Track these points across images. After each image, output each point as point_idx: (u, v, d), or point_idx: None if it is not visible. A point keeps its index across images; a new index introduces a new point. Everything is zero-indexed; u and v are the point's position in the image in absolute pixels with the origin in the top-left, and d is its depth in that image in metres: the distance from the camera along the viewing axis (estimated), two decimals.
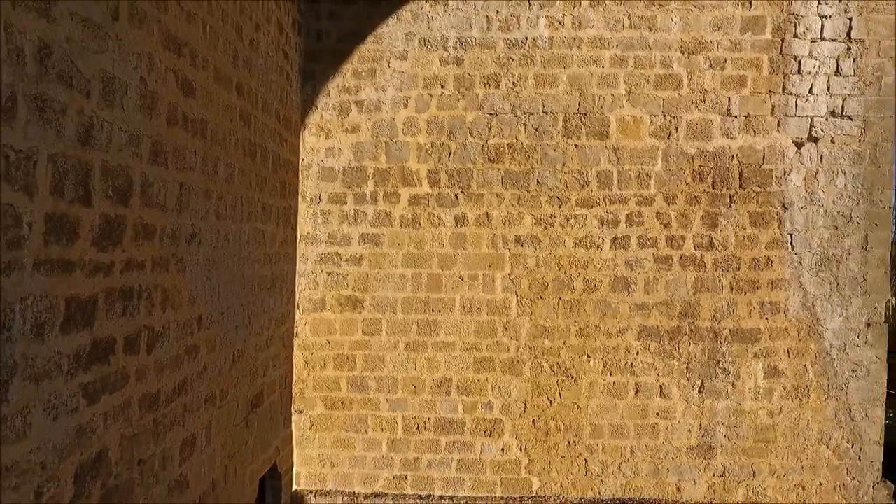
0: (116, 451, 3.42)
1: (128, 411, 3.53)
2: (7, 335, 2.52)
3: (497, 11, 7.11)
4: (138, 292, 3.59)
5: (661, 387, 7.13)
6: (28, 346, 2.66)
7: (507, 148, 7.15)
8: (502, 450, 7.22)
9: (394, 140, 7.21)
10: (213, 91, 4.64)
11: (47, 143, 2.75)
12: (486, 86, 7.14)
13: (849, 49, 6.92)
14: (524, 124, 7.12)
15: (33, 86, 2.64)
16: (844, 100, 6.96)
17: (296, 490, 7.25)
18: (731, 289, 7.07)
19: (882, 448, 7.00)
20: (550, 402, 7.19)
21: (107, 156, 3.23)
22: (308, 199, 7.26)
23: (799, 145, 7.02)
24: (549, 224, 7.15)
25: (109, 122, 3.24)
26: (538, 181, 7.14)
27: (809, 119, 7.01)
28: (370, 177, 7.25)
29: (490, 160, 7.16)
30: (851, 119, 6.96)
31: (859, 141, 6.95)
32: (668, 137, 7.06)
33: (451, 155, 7.17)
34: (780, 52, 7.01)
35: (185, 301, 4.23)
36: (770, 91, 7.00)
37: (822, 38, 6.97)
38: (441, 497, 7.20)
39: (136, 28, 3.49)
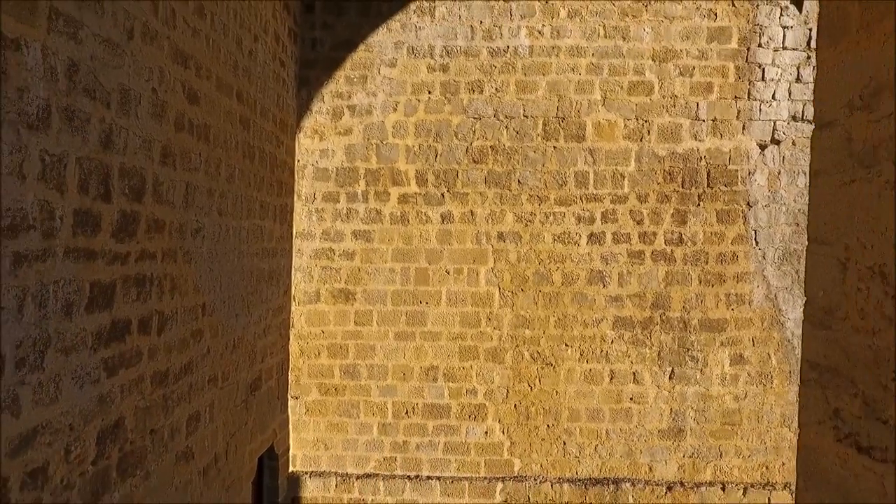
0: (131, 420, 3.84)
1: (141, 385, 3.95)
2: (39, 315, 2.93)
3: (481, 22, 7.53)
4: (150, 280, 4.01)
5: (634, 373, 7.56)
6: (59, 322, 3.07)
7: (490, 150, 7.57)
8: (486, 433, 7.64)
9: (384, 142, 7.63)
10: (215, 98, 5.05)
11: (75, 148, 3.16)
12: (471, 91, 7.56)
13: (809, 57, 7.35)
14: (506, 127, 7.54)
15: (64, 98, 3.05)
16: (805, 105, 7.39)
17: (292, 471, 7.66)
18: (700, 281, 7.50)
19: None
20: (531, 387, 7.61)
21: (124, 158, 3.64)
22: (303, 197, 7.67)
23: (762, 147, 7.45)
24: (530, 221, 7.57)
25: (126, 128, 3.65)
26: (519, 181, 7.57)
27: (772, 123, 7.44)
28: (361, 177, 7.66)
29: (474, 161, 7.58)
30: (811, 123, 7.38)
31: None
32: (641, 140, 7.49)
33: (438, 156, 7.58)
34: (746, 61, 7.44)
35: (190, 289, 4.64)
36: (736, 97, 7.44)
37: (784, 48, 7.40)
38: (428, 477, 7.62)
39: (148, 45, 3.90)
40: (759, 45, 7.42)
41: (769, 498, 7.41)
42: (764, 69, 7.42)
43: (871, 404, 2.10)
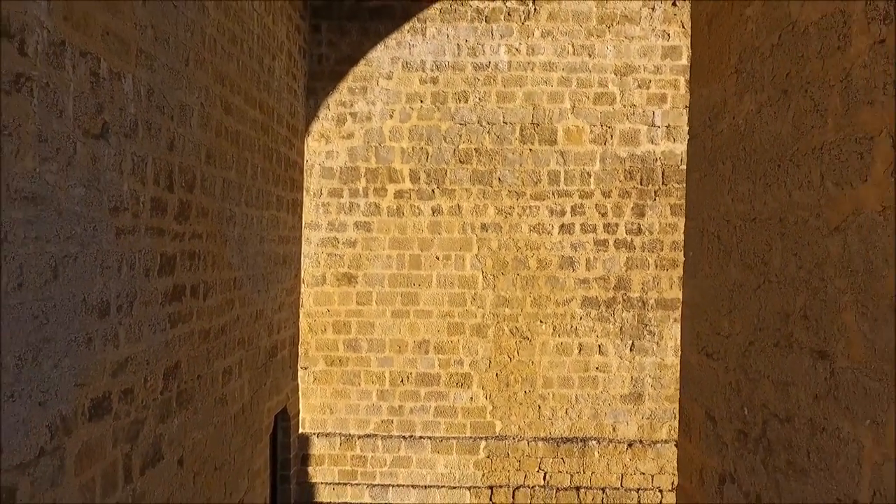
0: (185, 365, 4.79)
1: (192, 339, 4.90)
2: (130, 274, 3.89)
3: (466, 40, 8.50)
4: (198, 255, 4.96)
5: (599, 346, 8.55)
6: (142, 281, 4.03)
7: (474, 152, 8.54)
8: (471, 398, 8.61)
9: (381, 145, 8.58)
10: (243, 109, 6.00)
11: (152, 151, 4.12)
12: (457, 101, 8.52)
13: None
14: (488, 132, 8.51)
15: (145, 114, 4.01)
16: None
17: (302, 432, 8.61)
18: (656, 266, 8.48)
19: None
20: (510, 358, 8.59)
21: (181, 159, 4.60)
22: (311, 193, 8.62)
23: None
24: (509, 214, 8.54)
25: (183, 135, 4.61)
26: (500, 179, 8.54)
27: None
28: (362, 175, 8.62)
29: (460, 162, 8.55)
30: None
31: None
32: (605, 143, 8.47)
33: (429, 157, 8.55)
34: None
35: (226, 265, 5.60)
36: (686, 106, 8.42)
37: None
38: (421, 437, 8.59)
39: (197, 69, 4.86)
40: None
41: None
42: None
43: (714, 325, 3.08)
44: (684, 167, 8.51)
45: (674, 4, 8.32)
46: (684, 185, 8.54)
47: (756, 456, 2.55)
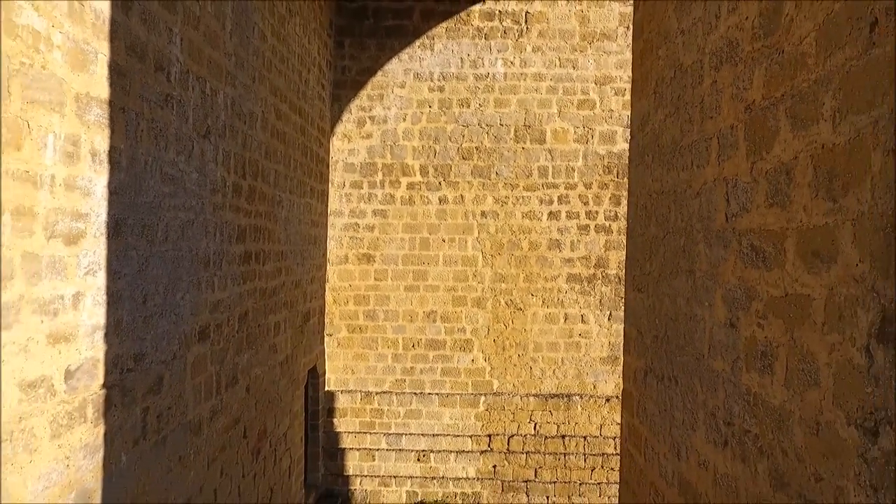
0: (251, 314, 6.03)
1: (255, 294, 6.14)
2: (220, 239, 5.12)
3: (468, 54, 9.72)
4: (259, 229, 6.20)
5: (581, 316, 9.78)
6: (226, 245, 5.27)
7: (475, 150, 9.77)
8: (472, 360, 9.85)
9: (396, 144, 9.82)
10: (288, 115, 7.24)
11: (233, 148, 5.36)
12: (461, 106, 9.75)
13: None
14: (487, 133, 9.74)
15: (229, 120, 5.25)
16: None
17: (328, 389, 9.86)
18: None
19: None
20: (506, 326, 9.83)
21: (250, 154, 5.84)
22: (336, 185, 9.86)
23: None
24: (505, 203, 9.78)
25: (251, 136, 5.85)
26: (497, 173, 9.77)
27: None
28: (379, 170, 9.85)
29: (463, 158, 9.78)
30: None
31: None
32: (587, 142, 9.70)
33: (436, 154, 9.78)
34: None
35: (276, 240, 6.84)
36: None
37: None
38: (429, 393, 9.83)
39: (260, 84, 6.09)
40: None
41: None
42: None
43: (642, 268, 4.30)
44: None
45: None
46: None
47: (661, 349, 3.79)
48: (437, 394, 9.83)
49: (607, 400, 9.72)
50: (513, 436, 9.72)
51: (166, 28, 3.99)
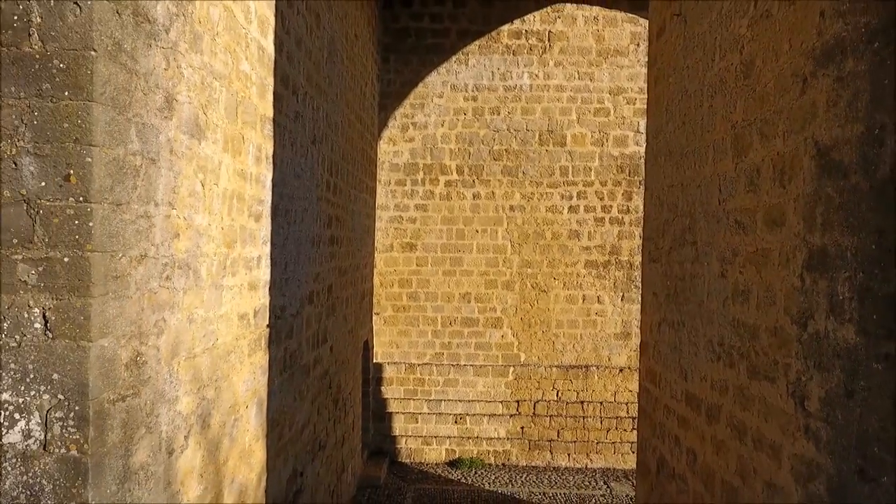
0: (334, 287, 7.23)
1: (336, 271, 7.34)
2: (320, 224, 6.32)
3: (498, 68, 10.90)
4: (338, 217, 7.40)
5: (598, 297, 10.94)
6: (322, 230, 6.46)
7: (504, 152, 10.95)
8: (502, 336, 11.03)
9: (435, 147, 11.00)
10: (354, 123, 8.44)
11: (326, 152, 6.56)
12: (492, 114, 10.92)
13: None
14: (514, 137, 10.91)
15: (324, 129, 6.44)
16: None
17: (376, 361, 11.06)
18: (640, 237, 10.86)
19: None
20: (531, 306, 11.00)
21: (334, 156, 7.03)
22: (382, 182, 11.06)
23: None
24: (530, 198, 10.95)
25: (335, 141, 7.05)
26: (523, 172, 10.94)
27: None
28: (420, 169, 11.04)
29: (494, 159, 10.96)
30: None
31: None
32: (602, 146, 10.85)
33: (471, 156, 10.96)
34: None
35: (348, 227, 8.04)
36: None
37: None
38: (465, 365, 11.02)
39: (340, 99, 7.29)
40: None
41: None
42: None
43: (656, 244, 5.48)
44: None
45: None
46: None
47: (672, 303, 4.97)
48: (471, 365, 11.01)
49: (620, 370, 10.88)
50: (538, 401, 10.90)
51: (297, 61, 5.19)
